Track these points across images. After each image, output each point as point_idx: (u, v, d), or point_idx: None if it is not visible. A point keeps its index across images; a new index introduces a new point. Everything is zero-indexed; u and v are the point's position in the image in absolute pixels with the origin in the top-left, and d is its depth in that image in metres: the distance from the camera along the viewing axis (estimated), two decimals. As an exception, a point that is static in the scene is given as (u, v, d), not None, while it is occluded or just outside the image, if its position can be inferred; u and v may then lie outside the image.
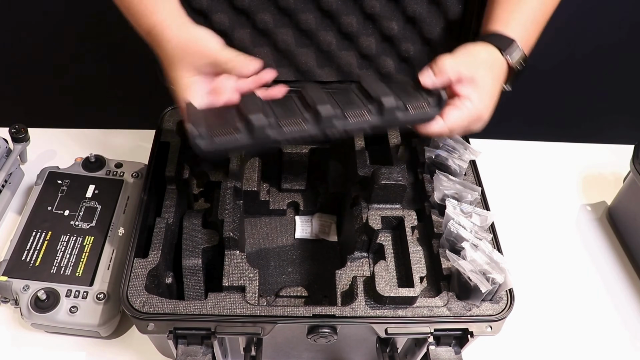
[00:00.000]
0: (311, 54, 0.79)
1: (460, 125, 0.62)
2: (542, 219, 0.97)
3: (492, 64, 0.64)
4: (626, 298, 0.87)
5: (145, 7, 0.63)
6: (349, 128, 0.58)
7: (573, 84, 1.48)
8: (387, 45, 0.79)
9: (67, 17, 1.25)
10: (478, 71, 0.62)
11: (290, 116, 0.56)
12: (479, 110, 0.62)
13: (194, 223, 0.73)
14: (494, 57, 0.65)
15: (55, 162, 0.89)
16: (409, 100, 0.59)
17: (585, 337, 0.82)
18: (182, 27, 0.63)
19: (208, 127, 0.54)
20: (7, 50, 1.32)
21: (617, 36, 1.37)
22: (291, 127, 0.56)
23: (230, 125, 0.55)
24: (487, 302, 0.63)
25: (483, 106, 0.62)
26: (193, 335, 0.60)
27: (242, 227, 0.73)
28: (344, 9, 0.75)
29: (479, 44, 0.65)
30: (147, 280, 0.62)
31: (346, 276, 0.69)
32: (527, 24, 0.68)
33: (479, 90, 0.61)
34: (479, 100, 0.61)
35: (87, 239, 0.78)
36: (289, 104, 0.59)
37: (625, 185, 0.93)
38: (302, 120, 0.56)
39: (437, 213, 0.71)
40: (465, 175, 0.76)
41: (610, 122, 1.47)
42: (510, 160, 1.06)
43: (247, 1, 0.74)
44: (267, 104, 0.59)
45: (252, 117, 0.54)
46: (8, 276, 0.72)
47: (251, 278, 0.64)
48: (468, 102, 0.61)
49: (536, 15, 0.68)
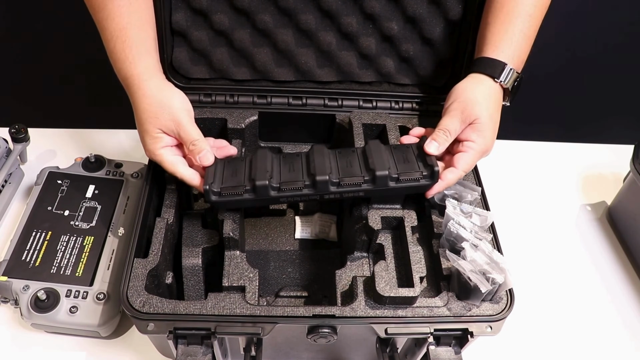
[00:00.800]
0: (311, 54, 0.79)
1: (471, 165, 0.69)
2: (542, 219, 0.97)
3: (487, 99, 0.69)
4: (626, 298, 0.87)
5: (126, 56, 0.67)
6: (344, 192, 0.66)
7: (573, 84, 1.48)
8: (387, 45, 0.79)
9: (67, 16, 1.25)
10: (474, 114, 0.68)
11: (292, 182, 0.65)
12: (483, 146, 0.68)
13: (194, 223, 0.73)
14: (487, 89, 0.70)
15: (55, 162, 0.89)
16: (404, 171, 0.66)
17: (585, 337, 0.82)
18: (159, 86, 0.68)
19: (221, 186, 0.65)
20: (8, 50, 1.32)
21: (617, 37, 1.37)
22: (291, 191, 0.65)
23: (239, 188, 0.65)
24: (487, 302, 0.63)
25: (486, 141, 0.68)
26: (193, 335, 0.60)
27: (242, 227, 0.73)
28: (344, 9, 0.75)
29: (470, 78, 0.71)
30: (147, 280, 0.62)
31: (346, 276, 0.69)
32: (517, 41, 0.70)
33: (480, 130, 0.68)
34: (481, 139, 0.68)
35: (87, 239, 0.78)
36: (295, 169, 0.67)
37: (625, 185, 0.93)
38: (302, 187, 0.65)
39: (437, 213, 0.71)
40: (465, 175, 0.75)
41: (610, 122, 1.47)
42: (510, 160, 1.06)
43: (247, 1, 0.74)
44: (277, 164, 0.68)
45: (258, 183, 0.64)
46: (8, 276, 0.72)
47: (251, 278, 0.64)
48: (473, 144, 0.68)
49: (524, 29, 0.70)
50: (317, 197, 0.66)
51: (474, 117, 0.68)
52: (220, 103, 0.81)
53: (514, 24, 0.70)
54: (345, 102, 0.82)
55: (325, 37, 0.77)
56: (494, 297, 0.63)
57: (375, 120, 0.80)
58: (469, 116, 0.68)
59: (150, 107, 0.66)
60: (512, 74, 0.70)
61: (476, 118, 0.68)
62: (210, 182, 0.65)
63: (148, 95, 0.67)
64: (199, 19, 0.76)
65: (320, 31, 0.77)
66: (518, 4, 0.70)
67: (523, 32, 0.70)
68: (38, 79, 1.39)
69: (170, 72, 0.78)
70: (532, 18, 0.70)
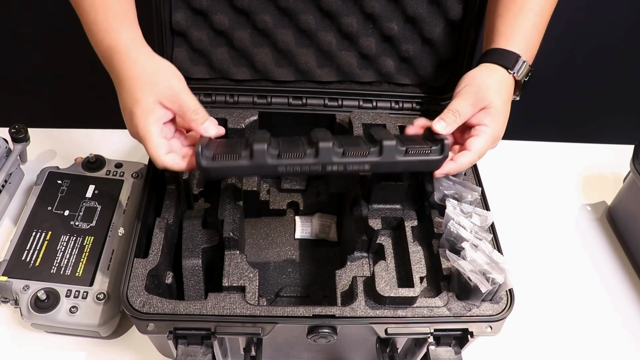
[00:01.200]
0: (311, 54, 0.79)
1: (484, 150, 0.66)
2: (542, 219, 0.97)
3: (499, 86, 0.68)
4: (626, 298, 0.87)
5: (110, 24, 0.62)
6: (348, 163, 0.60)
7: (573, 84, 1.48)
8: (387, 45, 0.79)
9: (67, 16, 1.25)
10: (487, 98, 0.66)
11: (293, 149, 0.60)
12: (496, 131, 0.66)
13: (194, 223, 0.73)
14: (500, 77, 0.68)
15: (55, 162, 0.89)
16: (411, 144, 0.62)
17: (585, 337, 0.82)
18: (150, 54, 0.63)
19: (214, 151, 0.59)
20: (7, 50, 1.32)
21: (616, 37, 1.37)
22: (291, 159, 0.59)
23: (234, 152, 0.59)
24: (487, 302, 0.63)
25: (499, 127, 0.67)
26: (193, 336, 0.60)
27: (242, 227, 0.73)
28: (344, 9, 0.75)
29: (483, 67, 0.69)
30: (147, 280, 0.62)
31: (346, 276, 0.68)
32: (529, 34, 0.70)
33: (493, 115, 0.66)
34: (494, 123, 0.66)
35: (87, 239, 0.78)
36: (295, 141, 0.62)
37: (625, 185, 0.93)
38: (303, 153, 0.59)
39: (437, 213, 0.71)
40: (465, 175, 0.76)
41: (610, 122, 1.47)
42: (510, 160, 1.06)
43: (247, 1, 0.74)
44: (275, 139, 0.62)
45: (256, 146, 0.58)
46: (8, 276, 0.72)
47: (251, 278, 0.64)
48: (485, 128, 0.66)
49: (536, 23, 0.70)
50: (319, 168, 0.60)
51: (487, 102, 0.66)
52: (221, 103, 0.81)
53: (526, 17, 0.69)
54: (345, 102, 0.82)
55: (325, 37, 0.77)
56: (494, 297, 0.63)
57: (375, 120, 0.80)
58: (482, 100, 0.66)
59: (144, 73, 0.61)
60: (525, 66, 0.68)
61: (489, 103, 0.66)
62: (204, 145, 0.59)
63: (140, 63, 0.61)
64: (199, 19, 0.76)
65: (320, 31, 0.77)
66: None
67: (534, 25, 0.69)
68: (38, 79, 1.39)
69: (170, 72, 0.78)
70: (544, 11, 0.70)
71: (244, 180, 0.77)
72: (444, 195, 0.70)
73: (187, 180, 0.77)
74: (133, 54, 0.62)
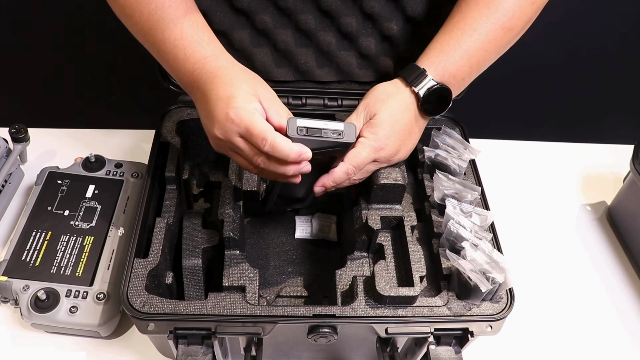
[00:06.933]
0: (311, 54, 0.79)
1: (361, 160, 0.64)
2: (542, 219, 0.97)
3: (388, 97, 0.67)
4: (626, 298, 0.87)
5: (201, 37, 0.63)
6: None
7: (573, 84, 1.48)
8: (387, 45, 0.79)
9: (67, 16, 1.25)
10: (373, 110, 0.66)
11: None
12: (375, 142, 0.65)
13: (194, 223, 0.73)
14: (396, 89, 0.68)
15: (55, 162, 0.89)
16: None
17: (585, 336, 0.82)
18: (236, 63, 0.64)
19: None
20: (7, 50, 1.32)
21: (617, 36, 1.37)
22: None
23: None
24: (487, 301, 0.63)
25: (379, 138, 0.65)
26: (193, 335, 0.60)
27: (242, 227, 0.73)
28: (343, 9, 0.75)
29: (391, 81, 0.69)
30: (147, 280, 0.62)
31: (346, 276, 0.69)
32: (453, 57, 0.67)
33: (373, 126, 0.65)
34: (372, 135, 0.65)
35: (87, 239, 0.78)
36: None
37: (625, 185, 0.93)
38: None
39: (437, 213, 0.71)
40: (465, 174, 0.76)
41: (610, 122, 1.47)
42: (510, 160, 1.06)
43: (247, 1, 0.74)
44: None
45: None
46: (8, 276, 0.72)
47: (251, 278, 0.64)
48: (363, 139, 0.65)
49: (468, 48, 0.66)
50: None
51: (372, 113, 0.66)
52: (220, 103, 0.81)
53: (458, 39, 0.66)
54: (345, 102, 0.82)
55: (324, 37, 0.77)
56: (494, 297, 0.63)
57: (375, 120, 0.80)
58: (369, 113, 0.66)
59: (246, 72, 0.63)
60: (427, 82, 0.66)
61: (374, 113, 0.66)
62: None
63: (228, 63, 0.63)
64: (199, 19, 0.76)
65: (320, 31, 0.77)
66: (467, 21, 0.66)
67: (464, 50, 0.66)
68: (38, 79, 1.39)
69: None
70: (480, 35, 0.66)
71: (244, 180, 0.77)
72: (443, 195, 0.70)
73: (187, 180, 0.77)
74: (221, 60, 0.63)
